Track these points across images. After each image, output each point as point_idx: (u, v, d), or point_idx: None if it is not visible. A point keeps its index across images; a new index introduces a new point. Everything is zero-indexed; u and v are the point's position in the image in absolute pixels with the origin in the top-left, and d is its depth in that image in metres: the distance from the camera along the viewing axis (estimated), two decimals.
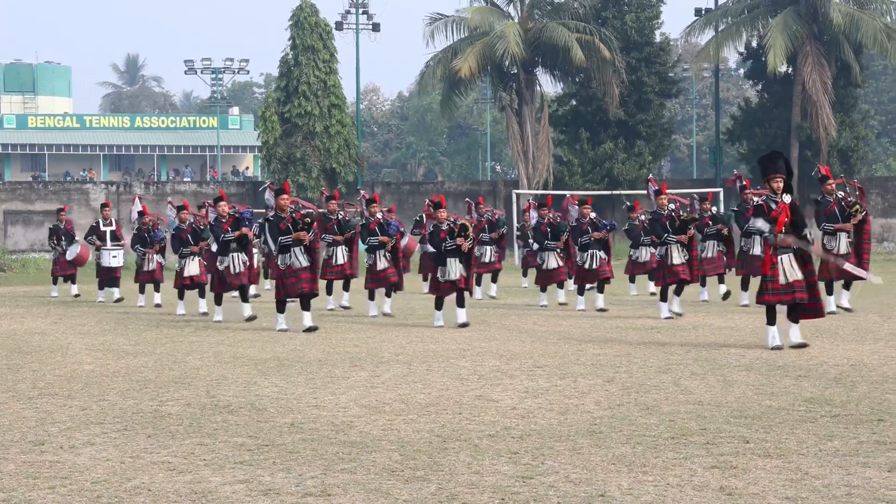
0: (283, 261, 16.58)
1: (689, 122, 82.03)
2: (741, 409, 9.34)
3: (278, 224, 16.62)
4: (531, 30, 48.55)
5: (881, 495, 6.45)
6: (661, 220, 18.08)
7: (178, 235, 20.48)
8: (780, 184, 13.17)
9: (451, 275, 17.20)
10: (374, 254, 19.15)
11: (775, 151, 13.83)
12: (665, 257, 17.98)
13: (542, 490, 6.68)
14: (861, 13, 48.24)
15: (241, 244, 18.60)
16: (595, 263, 20.21)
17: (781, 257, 13.16)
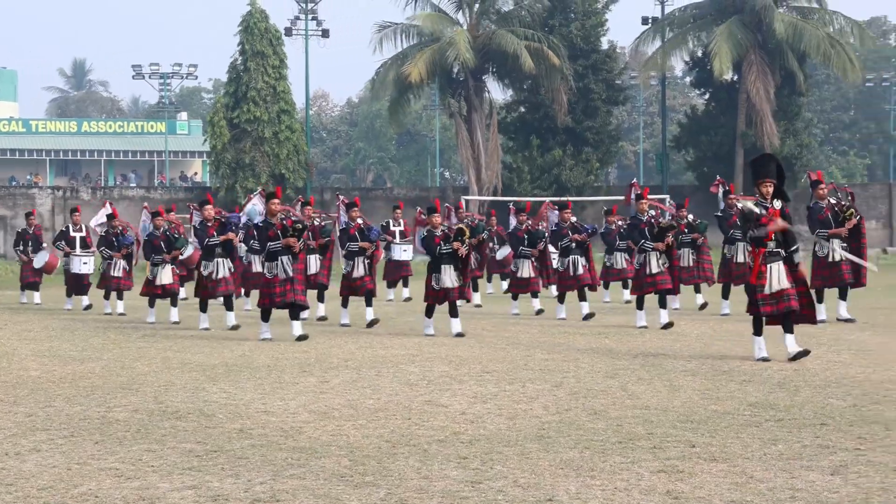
0: (269, 269, 16.10)
1: (637, 130, 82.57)
2: (687, 413, 9.44)
3: (267, 230, 16.14)
4: (480, 37, 48.75)
5: (824, 498, 6.54)
6: (640, 227, 17.44)
7: (151, 242, 19.85)
8: (769, 188, 12.67)
9: (445, 282, 16.57)
10: (353, 260, 18.55)
11: (766, 154, 13.30)
12: (644, 266, 17.32)
13: (491, 495, 6.72)
14: (804, 23, 48.91)
15: (227, 250, 18.14)
16: (577, 269, 19.58)
17: (770, 266, 12.66)
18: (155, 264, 19.66)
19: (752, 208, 12.62)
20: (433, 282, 16.65)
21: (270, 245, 16.00)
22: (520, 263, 20.71)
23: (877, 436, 8.33)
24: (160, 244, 19.69)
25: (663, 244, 17.18)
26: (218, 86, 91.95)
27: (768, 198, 12.67)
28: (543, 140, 49.87)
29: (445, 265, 16.62)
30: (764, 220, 12.54)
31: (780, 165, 12.91)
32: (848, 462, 7.45)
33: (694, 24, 51.81)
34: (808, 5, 50.94)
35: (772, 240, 12.63)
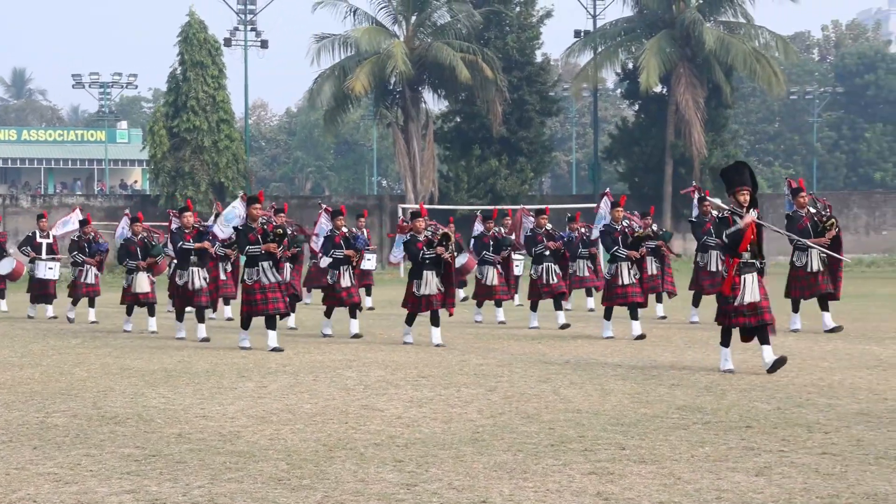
0: (249, 275, 15.59)
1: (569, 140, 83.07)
2: (618, 416, 9.62)
3: (247, 234, 15.62)
4: (417, 49, 48.94)
5: (749, 499, 6.71)
6: (614, 234, 16.85)
7: (127, 247, 19.22)
8: (746, 197, 12.22)
9: (427, 289, 16.02)
10: (338, 269, 17.70)
11: (740, 162, 12.75)
12: (615, 276, 16.72)
13: (426, 497, 6.82)
14: (731, 37, 49.67)
15: (202, 259, 17.58)
16: (551, 278, 19.01)
17: (745, 277, 12.26)
18: (129, 271, 19.06)
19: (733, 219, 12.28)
20: (414, 288, 16.15)
21: (250, 249, 15.54)
22: (485, 270, 20.30)
23: (799, 438, 8.55)
24: (136, 250, 19.09)
25: (637, 253, 16.80)
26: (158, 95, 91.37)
27: (745, 206, 12.23)
28: (479, 150, 50.13)
29: (428, 271, 16.09)
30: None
31: (752, 172, 12.52)
32: (772, 463, 7.64)
33: (624, 37, 52.40)
34: (734, 20, 51.69)
35: (746, 250, 12.20)
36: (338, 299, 17.72)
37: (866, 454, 7.91)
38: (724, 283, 12.49)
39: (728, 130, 54.92)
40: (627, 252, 16.67)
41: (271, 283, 15.54)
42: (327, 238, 17.99)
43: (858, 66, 78.75)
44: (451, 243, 16.08)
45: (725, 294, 12.41)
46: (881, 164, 75.25)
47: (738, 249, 12.18)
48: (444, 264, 16.10)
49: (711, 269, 19.22)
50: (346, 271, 17.69)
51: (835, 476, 7.25)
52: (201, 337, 17.16)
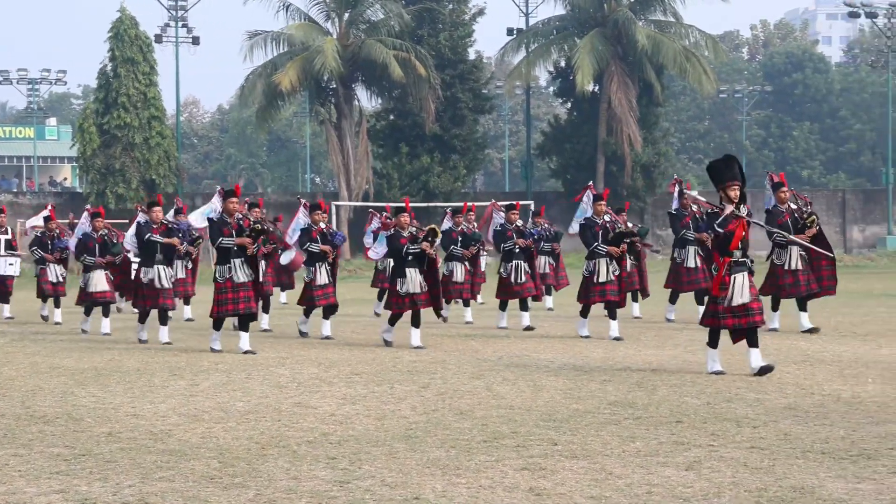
0: (220, 273, 14.75)
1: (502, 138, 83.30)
2: (550, 412, 9.68)
3: (221, 227, 14.76)
4: (349, 46, 48.86)
5: (679, 493, 6.78)
6: (594, 228, 16.18)
7: (86, 243, 18.46)
8: (737, 192, 11.68)
9: (410, 287, 15.25)
10: (314, 266, 16.94)
11: (730, 156, 12.21)
12: (593, 273, 16.12)
13: (359, 494, 6.82)
14: (662, 36, 50.17)
15: (168, 257, 16.64)
16: (520, 277, 18.20)
17: (735, 277, 11.77)
18: (87, 268, 18.42)
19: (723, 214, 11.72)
20: (398, 287, 15.34)
21: (223, 241, 14.64)
22: (452, 266, 19.61)
23: (728, 432, 8.66)
24: (94, 246, 18.38)
25: (618, 249, 16.11)
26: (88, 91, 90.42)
27: (736, 202, 11.71)
28: (412, 147, 50.15)
29: (411, 269, 15.32)
30: (731, 226, 11.64)
31: (741, 166, 11.98)
32: (701, 458, 7.72)
33: (557, 35, 52.68)
34: (665, 19, 52.19)
35: (738, 248, 11.73)
36: (314, 298, 16.91)
37: (793, 448, 8.02)
38: (714, 282, 12.01)
39: (659, 128, 55.46)
40: (607, 248, 16.08)
41: (243, 281, 14.77)
42: (304, 231, 17.23)
43: (786, 66, 79.76)
44: (437, 239, 15.45)
45: (715, 294, 11.94)
46: (808, 162, 76.28)
47: (729, 248, 11.69)
48: (429, 261, 15.41)
49: (689, 266, 18.62)
50: (321, 267, 16.92)
51: (763, 470, 7.35)
52: (164, 341, 16.20)
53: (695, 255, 18.59)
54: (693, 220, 18.53)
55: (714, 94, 58.70)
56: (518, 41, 53.20)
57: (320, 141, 74.67)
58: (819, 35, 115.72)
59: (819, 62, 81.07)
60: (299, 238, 17.32)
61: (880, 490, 6.78)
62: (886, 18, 58.32)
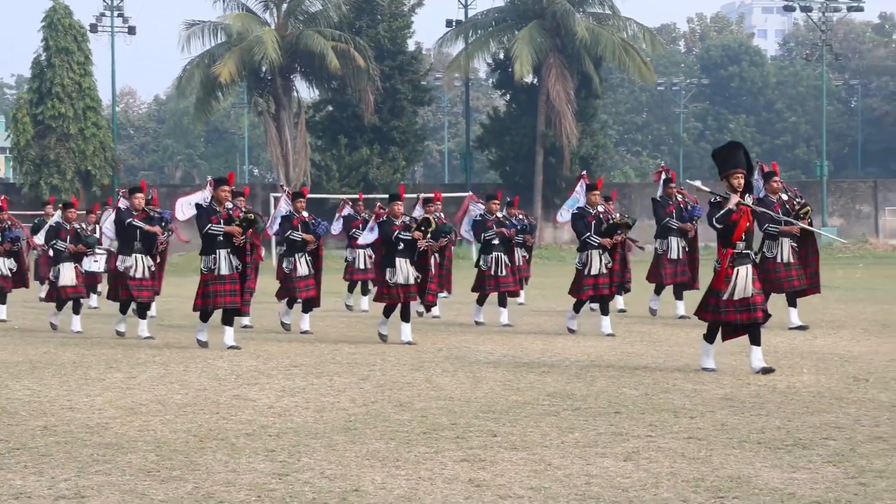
0: (205, 263, 14.13)
1: (441, 129, 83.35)
2: (489, 404, 9.70)
3: (210, 214, 14.10)
4: (288, 37, 48.61)
5: (617, 483, 6.83)
6: (587, 219, 15.54)
7: (57, 231, 17.45)
8: (741, 180, 11.13)
9: (399, 277, 14.55)
10: (293, 256, 16.36)
11: (734, 142, 11.63)
12: (586, 265, 15.44)
13: (298, 486, 6.80)
14: (601, 28, 50.44)
15: (147, 246, 15.71)
16: (500, 270, 17.42)
17: (738, 269, 11.21)
18: (56, 258, 17.37)
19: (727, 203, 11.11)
20: (388, 276, 14.63)
21: (211, 228, 14.00)
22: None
23: (666, 423, 8.73)
24: (66, 236, 17.38)
25: (611, 241, 15.40)
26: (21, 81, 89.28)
27: (740, 191, 11.17)
28: (351, 139, 50.03)
29: (401, 258, 14.61)
30: (734, 216, 11.07)
31: (747, 153, 11.41)
32: (640, 448, 7.78)
33: (496, 27, 52.80)
34: (603, 12, 52.48)
35: (741, 239, 11.19)
36: (294, 289, 16.36)
37: (730, 438, 8.10)
38: (718, 276, 11.28)
39: (597, 120, 55.77)
40: (600, 240, 15.39)
41: (229, 273, 14.09)
42: (284, 218, 16.64)
43: (723, 59, 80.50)
44: (431, 230, 14.68)
45: (718, 288, 11.29)
46: None
47: (733, 238, 11.15)
48: (421, 253, 14.71)
49: (672, 257, 17.90)
50: (302, 259, 16.34)
51: (700, 460, 7.41)
52: (144, 335, 15.55)
53: (677, 245, 17.96)
54: (677, 210, 17.98)
55: (652, 86, 59.14)
56: (457, 32, 53.26)
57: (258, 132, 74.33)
58: (755, 28, 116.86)
59: (755, 55, 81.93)
60: (280, 226, 16.73)
61: (815, 479, 6.86)
62: (821, 12, 59.01)
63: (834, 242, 53.03)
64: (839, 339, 14.83)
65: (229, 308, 14.18)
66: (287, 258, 16.57)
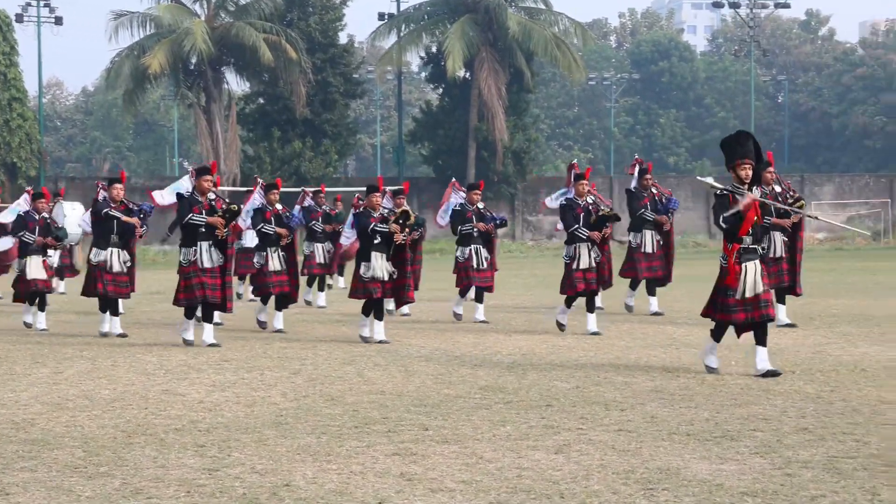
0: (185, 256, 13.59)
1: (374, 123, 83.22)
2: (421, 397, 9.70)
3: (192, 204, 13.61)
4: (218, 28, 48.25)
5: (548, 476, 6.84)
6: (576, 210, 14.79)
7: (26, 221, 16.62)
8: (749, 171, 10.56)
9: (374, 271, 13.88)
10: (266, 251, 15.78)
11: (743, 131, 10.98)
12: (574, 259, 14.71)
13: (228, 482, 6.75)
14: (533, 23, 50.64)
15: (124, 239, 14.96)
16: (480, 263, 16.74)
17: (746, 265, 10.58)
18: (23, 250, 16.55)
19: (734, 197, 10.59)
20: (361, 271, 13.98)
21: (192, 218, 13.49)
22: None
23: (597, 416, 8.77)
24: (35, 227, 16.54)
25: (600, 234, 14.70)
26: None
27: (747, 182, 10.61)
28: (283, 131, 49.79)
29: (377, 252, 13.96)
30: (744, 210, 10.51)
31: (757, 143, 10.79)
32: (571, 441, 7.81)
33: (428, 21, 52.79)
34: (534, 6, 52.68)
35: (748, 234, 10.58)
36: (267, 285, 15.79)
37: (660, 430, 8.16)
38: (726, 273, 10.67)
39: (529, 115, 55.99)
40: (589, 233, 14.68)
41: (209, 266, 13.60)
42: (257, 211, 15.99)
43: (653, 54, 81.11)
44: (409, 223, 14.02)
45: (727, 285, 10.66)
46: (674, 149, 77.74)
47: (739, 233, 10.54)
48: (398, 248, 14.07)
49: (647, 251, 17.27)
50: (274, 253, 15.77)
51: (630, 452, 7.46)
52: (117, 332, 15.01)
53: (652, 239, 17.34)
54: (652, 202, 17.41)
55: (583, 81, 59.45)
56: (389, 26, 53.18)
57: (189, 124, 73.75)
58: (684, 24, 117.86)
59: (685, 51, 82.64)
60: (252, 219, 16.09)
61: (742, 470, 6.93)
62: (749, 9, 59.64)
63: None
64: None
65: (210, 302, 13.66)
66: (259, 252, 15.98)
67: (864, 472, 6.82)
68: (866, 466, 6.97)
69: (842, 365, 11.51)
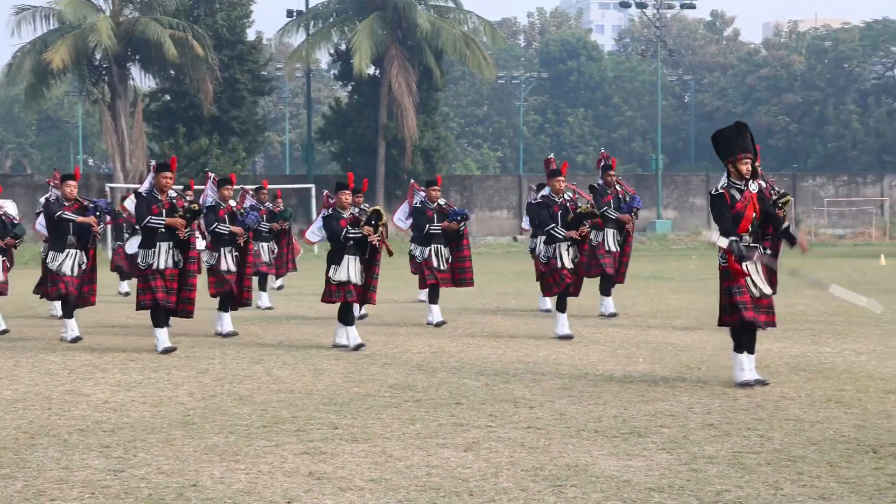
0: (144, 258, 12.86)
1: (283, 120, 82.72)
2: (331, 396, 9.67)
3: (150, 204, 12.85)
4: (123, 24, 47.61)
5: (458, 473, 6.87)
6: (553, 208, 14.00)
7: None
8: (748, 166, 9.94)
9: (345, 275, 13.06)
10: (219, 250, 14.87)
11: (741, 123, 10.22)
12: (553, 258, 13.87)
13: (134, 483, 6.68)
14: (442, 22, 50.72)
15: (82, 239, 14.03)
16: (441, 263, 15.93)
17: (748, 266, 9.90)
18: None
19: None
20: (331, 274, 13.17)
21: (151, 220, 12.74)
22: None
23: (506, 413, 8.82)
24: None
25: (577, 233, 13.88)
26: None
27: (747, 178, 9.98)
28: (189, 128, 49.30)
29: (349, 256, 13.17)
30: (739, 205, 9.91)
31: (752, 136, 10.16)
32: (480, 438, 7.84)
33: (337, 18, 52.61)
34: (444, 4, 52.76)
35: (747, 231, 9.98)
36: (219, 284, 14.81)
37: (568, 427, 8.22)
38: (728, 274, 9.95)
39: (439, 113, 56.06)
40: (566, 232, 13.86)
41: (169, 269, 12.86)
42: (210, 209, 15.02)
43: (561, 53, 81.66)
44: (382, 224, 13.23)
45: (731, 285, 9.94)
46: (583, 148, 78.34)
47: (738, 230, 9.96)
48: (371, 250, 13.25)
49: (609, 249, 16.64)
50: (229, 253, 14.87)
51: (539, 449, 7.50)
52: (72, 337, 14.08)
53: (613, 236, 16.77)
54: (615, 199, 16.80)
55: (493, 79, 59.68)
56: (298, 23, 52.93)
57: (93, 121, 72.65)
58: (592, 24, 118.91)
59: (593, 50, 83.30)
60: (205, 218, 14.86)
61: (650, 466, 7.00)
62: (655, 9, 60.31)
63: (669, 234, 54.32)
64: (673, 328, 15.17)
65: (171, 309, 12.93)
66: (211, 252, 14.97)
67: (767, 467, 6.93)
68: (770, 461, 7.08)
69: None
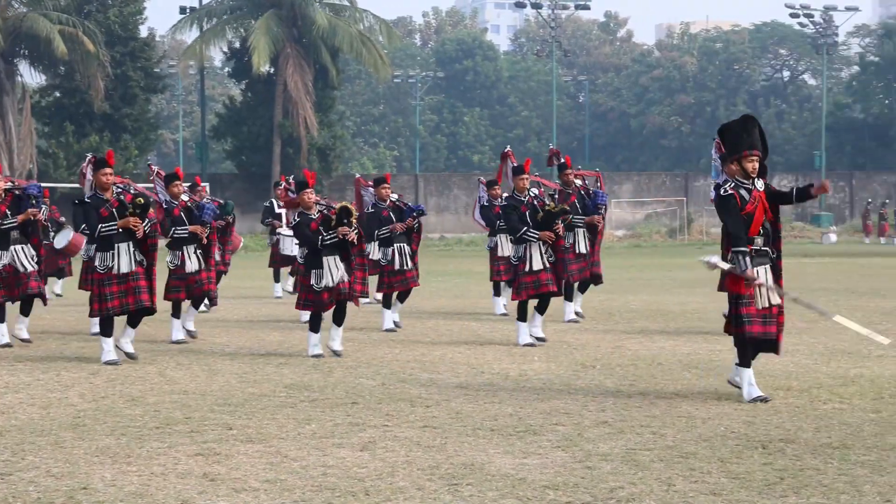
0: (102, 261, 11.82)
1: (176, 118, 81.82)
2: (225, 396, 9.59)
3: (98, 207, 11.79)
4: (11, 19, 46.65)
5: (354, 473, 6.85)
6: (520, 209, 13.09)
7: None
8: (755, 164, 9.24)
9: (329, 279, 12.18)
10: (180, 250, 13.76)
11: (749, 117, 9.55)
12: (524, 261, 13.01)
13: (22, 486, 6.56)
14: (338, 20, 50.59)
15: (26, 233, 13.05)
16: (405, 263, 14.95)
17: (757, 270, 9.15)
18: None
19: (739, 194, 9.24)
20: (313, 281, 12.23)
21: (102, 229, 11.72)
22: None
23: (403, 412, 8.82)
24: None
25: (550, 233, 13.00)
26: None
27: (753, 176, 9.28)
28: (80, 126, 48.51)
29: (329, 257, 12.26)
30: (749, 207, 9.17)
31: (763, 131, 9.43)
32: (376, 438, 7.83)
33: (232, 15, 52.19)
34: (339, 3, 52.63)
35: (758, 234, 9.25)
36: (188, 287, 13.81)
37: (464, 426, 8.25)
38: (740, 279, 9.18)
39: (335, 111, 55.91)
40: (540, 234, 12.96)
41: (131, 270, 11.85)
42: (166, 211, 14.01)
43: (457, 52, 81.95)
44: (353, 219, 12.32)
45: (741, 292, 9.17)
46: (479, 147, 78.76)
47: (748, 234, 9.21)
48: (348, 246, 12.36)
49: (581, 251, 15.60)
50: (193, 253, 13.83)
51: (435, 448, 7.51)
52: (23, 337, 13.49)
53: (584, 237, 15.62)
54: (579, 198, 15.67)
55: (389, 78, 59.67)
56: (191, 19, 52.38)
57: None
58: (488, 24, 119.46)
59: (488, 50, 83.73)
60: (161, 225, 13.70)
61: (545, 464, 7.05)
62: (550, 10, 60.82)
63: None
64: (568, 327, 15.30)
65: (134, 310, 11.94)
66: (173, 252, 13.86)
67: (660, 464, 7.02)
68: (662, 458, 7.18)
69: (640, 359, 11.85)
